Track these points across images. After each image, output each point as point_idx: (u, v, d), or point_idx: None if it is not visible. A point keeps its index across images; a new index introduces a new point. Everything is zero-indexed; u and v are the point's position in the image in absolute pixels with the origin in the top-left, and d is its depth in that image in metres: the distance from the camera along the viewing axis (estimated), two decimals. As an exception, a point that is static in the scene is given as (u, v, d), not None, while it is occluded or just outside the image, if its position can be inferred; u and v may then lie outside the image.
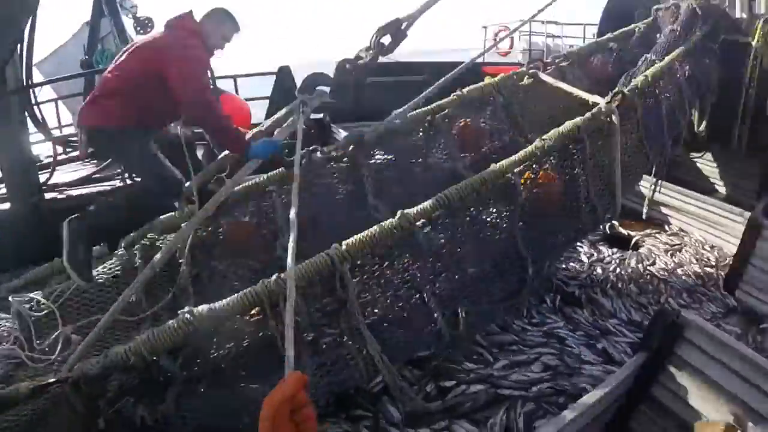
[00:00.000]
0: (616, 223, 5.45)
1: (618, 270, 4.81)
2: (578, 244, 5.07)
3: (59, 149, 7.01)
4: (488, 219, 3.11)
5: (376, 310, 2.78)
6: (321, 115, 6.47)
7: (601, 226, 5.13)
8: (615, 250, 5.22)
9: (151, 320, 3.29)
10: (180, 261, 3.54)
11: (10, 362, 2.98)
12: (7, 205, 5.64)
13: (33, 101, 6.98)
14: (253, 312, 2.55)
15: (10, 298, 3.26)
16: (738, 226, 5.07)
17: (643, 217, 5.72)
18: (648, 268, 4.90)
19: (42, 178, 5.95)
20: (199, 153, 6.26)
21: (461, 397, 3.20)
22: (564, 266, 4.70)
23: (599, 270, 4.79)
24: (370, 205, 3.72)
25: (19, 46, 5.95)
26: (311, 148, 3.85)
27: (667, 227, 5.88)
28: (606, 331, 3.95)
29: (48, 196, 5.77)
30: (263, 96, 8.46)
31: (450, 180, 3.80)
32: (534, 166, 3.27)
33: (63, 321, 3.18)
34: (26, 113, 6.25)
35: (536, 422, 3.04)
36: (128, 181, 5.50)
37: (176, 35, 3.19)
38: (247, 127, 3.87)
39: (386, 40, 3.30)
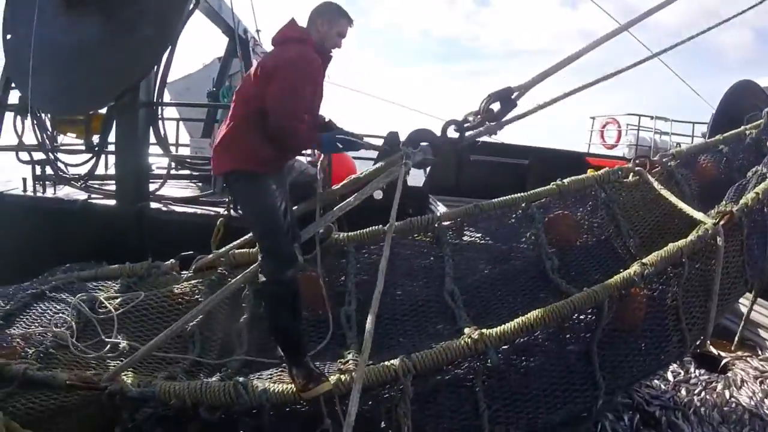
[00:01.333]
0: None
1: (703, 394, 4.51)
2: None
3: (173, 165, 7.41)
4: (565, 335, 3.01)
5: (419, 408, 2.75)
6: (421, 184, 6.54)
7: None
8: (703, 371, 4.89)
9: (200, 347, 3.38)
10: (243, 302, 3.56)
11: (55, 341, 3.20)
12: (113, 203, 6.08)
13: (159, 116, 7.33)
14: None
15: (75, 298, 3.53)
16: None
17: (735, 340, 5.37)
18: (734, 395, 4.54)
19: (151, 188, 6.33)
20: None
21: None
22: (648, 383, 4.45)
23: (684, 392, 4.52)
24: (446, 289, 3.64)
25: (156, 66, 6.47)
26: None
27: (759, 350, 5.44)
28: (682, 459, 3.67)
29: (153, 205, 6.11)
30: (368, 157, 8.65)
31: (535, 276, 3.76)
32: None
33: (118, 325, 3.40)
34: (150, 126, 6.65)
35: None
36: (233, 212, 5.72)
37: (278, 51, 3.00)
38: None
39: (495, 107, 3.22)
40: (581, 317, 3.02)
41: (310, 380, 2.65)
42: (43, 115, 6.38)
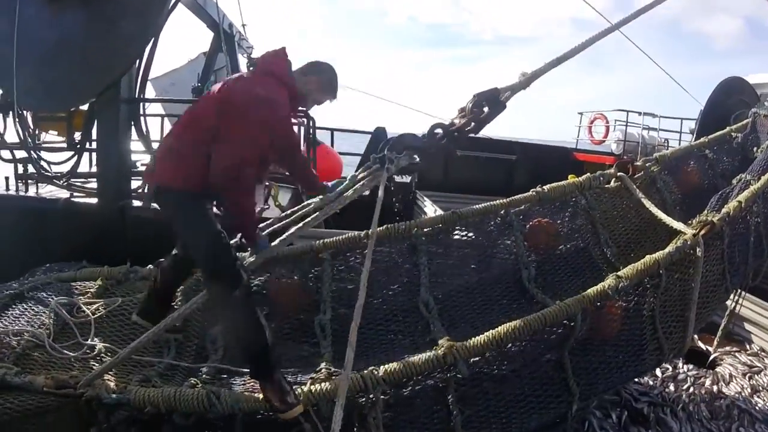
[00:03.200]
0: (695, 336, 5.06)
1: (691, 390, 4.50)
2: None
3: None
4: (539, 345, 2.99)
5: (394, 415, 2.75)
6: (408, 180, 6.51)
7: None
8: (691, 366, 4.87)
9: (175, 351, 3.35)
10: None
11: (32, 341, 3.18)
12: (95, 201, 6.06)
13: (141, 113, 7.23)
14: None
15: (53, 299, 3.51)
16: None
17: (718, 335, 5.23)
18: (722, 390, 4.54)
19: (134, 186, 6.29)
20: (286, 197, 6.46)
21: None
22: (636, 379, 4.38)
23: (672, 387, 4.50)
24: (422, 299, 3.58)
25: (138, 61, 6.40)
26: None
27: (747, 345, 5.40)
28: (671, 457, 3.68)
29: (136, 203, 6.09)
30: (357, 153, 8.68)
31: (511, 285, 3.72)
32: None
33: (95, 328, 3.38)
34: (133, 123, 6.56)
35: None
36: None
37: (251, 84, 2.81)
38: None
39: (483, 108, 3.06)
40: (555, 328, 2.99)
41: (282, 400, 2.58)
42: (24, 112, 6.31)
